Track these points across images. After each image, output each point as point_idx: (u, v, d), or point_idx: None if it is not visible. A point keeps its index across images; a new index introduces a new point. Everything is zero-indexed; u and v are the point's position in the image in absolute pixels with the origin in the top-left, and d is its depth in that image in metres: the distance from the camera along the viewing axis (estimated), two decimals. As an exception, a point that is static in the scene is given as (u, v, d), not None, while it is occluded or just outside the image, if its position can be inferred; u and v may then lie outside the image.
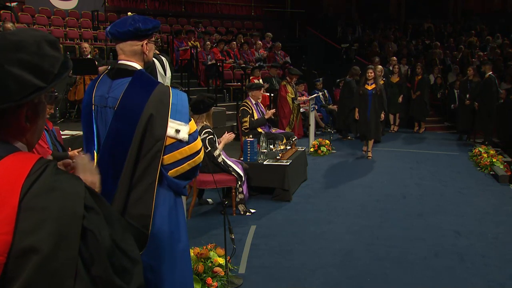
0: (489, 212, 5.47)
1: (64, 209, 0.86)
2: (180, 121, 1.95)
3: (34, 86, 0.91)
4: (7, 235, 0.80)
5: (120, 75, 2.04)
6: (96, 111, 2.07)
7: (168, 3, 15.27)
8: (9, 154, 0.91)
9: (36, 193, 0.85)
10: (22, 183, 0.84)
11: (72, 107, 8.06)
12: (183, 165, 2.00)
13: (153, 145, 1.92)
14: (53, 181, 0.88)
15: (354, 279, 3.71)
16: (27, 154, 0.94)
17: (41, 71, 0.93)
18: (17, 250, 0.81)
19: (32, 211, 0.83)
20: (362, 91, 7.92)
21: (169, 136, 1.93)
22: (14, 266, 0.81)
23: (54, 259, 0.83)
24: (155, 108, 1.93)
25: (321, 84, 11.02)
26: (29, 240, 0.82)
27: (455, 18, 18.31)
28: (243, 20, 16.41)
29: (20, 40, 0.92)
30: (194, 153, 2.02)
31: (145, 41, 2.08)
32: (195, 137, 2.03)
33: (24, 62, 0.90)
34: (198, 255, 3.49)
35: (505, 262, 4.07)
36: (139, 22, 2.05)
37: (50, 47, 0.97)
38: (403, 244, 4.43)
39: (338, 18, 17.44)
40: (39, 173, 0.87)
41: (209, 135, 4.88)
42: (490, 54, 14.07)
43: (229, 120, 9.47)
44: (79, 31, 11.54)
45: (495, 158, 7.65)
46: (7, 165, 0.88)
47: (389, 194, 6.13)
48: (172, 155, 1.97)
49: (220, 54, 11.57)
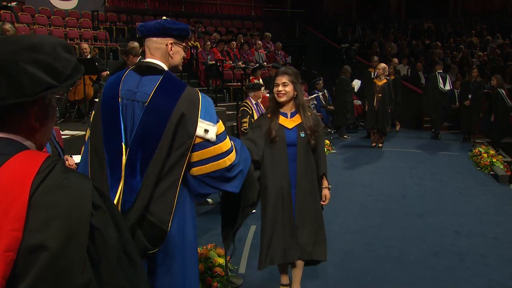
0: (489, 212, 5.47)
1: (73, 207, 0.88)
2: (209, 121, 2.01)
3: (46, 83, 0.94)
4: (17, 231, 0.82)
5: (150, 72, 2.08)
6: (124, 104, 2.06)
7: (168, 3, 15.27)
8: (19, 152, 0.93)
9: (45, 191, 0.86)
10: (31, 181, 0.86)
11: (72, 107, 8.06)
12: (207, 165, 2.02)
13: (184, 143, 1.97)
14: (62, 178, 0.90)
15: (354, 279, 3.71)
16: (36, 152, 0.96)
17: (54, 70, 0.96)
18: (26, 247, 0.82)
19: (41, 208, 0.85)
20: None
21: (198, 135, 1.98)
22: (23, 262, 0.82)
23: (63, 256, 0.84)
24: (187, 107, 1.99)
25: (321, 84, 11.02)
26: (39, 237, 0.83)
27: (455, 18, 18.31)
28: (243, 20, 16.41)
29: (37, 42, 0.96)
30: (219, 154, 2.04)
31: (170, 41, 2.10)
32: (221, 139, 2.06)
33: (39, 61, 0.93)
34: (198, 255, 3.49)
35: (505, 262, 4.07)
36: (166, 21, 2.12)
37: (65, 50, 1.00)
38: (403, 244, 4.43)
39: (338, 18, 17.45)
40: (48, 171, 0.89)
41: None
42: (490, 54, 14.07)
43: (229, 120, 9.46)
44: (79, 31, 11.54)
45: (495, 158, 7.66)
46: (17, 162, 0.90)
47: (389, 194, 6.13)
48: (197, 154, 2.01)
49: (220, 54, 11.57)
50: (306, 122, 3.03)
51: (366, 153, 8.85)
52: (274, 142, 3.00)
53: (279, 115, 3.07)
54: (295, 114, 3.09)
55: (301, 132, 3.01)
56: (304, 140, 3.02)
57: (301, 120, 3.05)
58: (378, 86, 9.02)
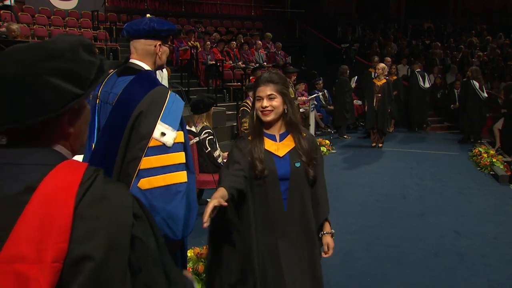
0: (489, 212, 5.47)
1: (115, 218, 0.90)
2: (169, 125, 1.86)
3: (72, 94, 0.93)
4: (64, 243, 0.84)
5: (126, 73, 2.05)
6: (100, 106, 2.08)
7: (168, 3, 15.27)
8: (60, 163, 0.93)
9: (88, 203, 0.88)
10: (75, 192, 0.87)
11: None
12: (157, 176, 1.81)
13: (136, 144, 1.83)
14: (104, 189, 0.92)
15: (354, 279, 3.71)
16: (75, 162, 0.96)
17: (78, 78, 0.94)
18: (72, 258, 0.84)
19: (85, 220, 0.86)
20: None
21: (154, 137, 1.83)
22: (68, 273, 0.84)
23: (105, 266, 0.86)
24: (148, 106, 1.86)
25: (321, 84, 11.03)
26: (83, 248, 0.85)
27: (455, 18, 18.31)
28: (243, 20, 16.41)
29: (56, 48, 0.94)
30: (171, 165, 1.84)
31: (159, 42, 2.08)
32: (177, 149, 1.87)
33: (61, 70, 0.92)
34: (198, 255, 3.49)
35: (505, 262, 4.07)
36: (155, 23, 2.07)
37: (86, 52, 0.98)
38: (403, 244, 4.43)
39: (338, 18, 17.44)
40: (90, 182, 0.90)
41: (209, 136, 4.87)
42: (490, 54, 14.07)
43: (229, 120, 9.46)
44: (79, 31, 11.54)
45: (495, 158, 7.65)
46: (59, 173, 0.90)
47: (389, 194, 6.13)
48: (149, 160, 1.82)
49: (220, 54, 11.57)
50: (301, 146, 2.21)
51: (366, 153, 8.85)
52: (261, 178, 2.15)
53: (263, 138, 2.22)
54: (285, 136, 2.25)
55: (296, 161, 2.19)
56: (300, 172, 2.20)
57: (294, 143, 2.22)
58: (377, 86, 9.04)
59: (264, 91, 2.18)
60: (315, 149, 2.28)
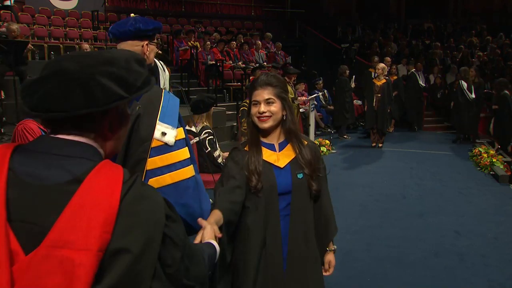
0: (489, 212, 5.47)
1: (152, 216, 0.99)
2: (168, 124, 1.87)
3: (117, 94, 1.01)
4: (108, 234, 0.90)
5: None
6: None
7: (168, 3, 15.27)
8: (102, 161, 1.02)
9: (131, 200, 0.96)
10: (120, 189, 0.95)
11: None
12: (164, 175, 1.84)
13: (138, 147, 1.83)
14: (143, 190, 1.01)
15: (354, 279, 3.71)
16: (113, 163, 1.04)
17: (126, 82, 1.03)
18: (111, 249, 0.91)
19: (127, 215, 0.94)
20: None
21: (155, 138, 1.84)
22: (106, 263, 0.90)
23: (140, 260, 0.94)
24: (144, 108, 1.85)
25: (321, 84, 11.03)
26: (123, 241, 0.92)
27: (455, 18, 18.31)
28: (243, 20, 16.41)
29: (113, 56, 1.05)
30: (176, 162, 1.86)
31: (146, 42, 2.06)
32: (180, 146, 1.89)
33: (113, 74, 1.01)
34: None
35: (505, 262, 4.07)
36: (140, 23, 2.04)
37: (137, 64, 1.09)
38: (403, 244, 4.43)
39: (338, 18, 17.44)
40: (131, 182, 0.99)
41: (209, 136, 4.87)
42: (490, 54, 14.07)
43: (229, 120, 9.46)
44: (79, 31, 11.54)
45: (495, 158, 7.65)
46: (104, 170, 0.98)
47: (389, 194, 6.13)
48: (153, 160, 1.83)
49: (220, 54, 11.57)
50: (302, 156, 2.01)
51: (366, 153, 8.86)
52: (259, 192, 1.95)
53: (261, 148, 2.02)
54: (285, 145, 2.04)
55: (298, 173, 2.00)
56: (303, 184, 2.00)
57: (295, 153, 2.02)
58: (377, 86, 9.05)
59: (262, 95, 1.96)
60: (318, 159, 2.07)
